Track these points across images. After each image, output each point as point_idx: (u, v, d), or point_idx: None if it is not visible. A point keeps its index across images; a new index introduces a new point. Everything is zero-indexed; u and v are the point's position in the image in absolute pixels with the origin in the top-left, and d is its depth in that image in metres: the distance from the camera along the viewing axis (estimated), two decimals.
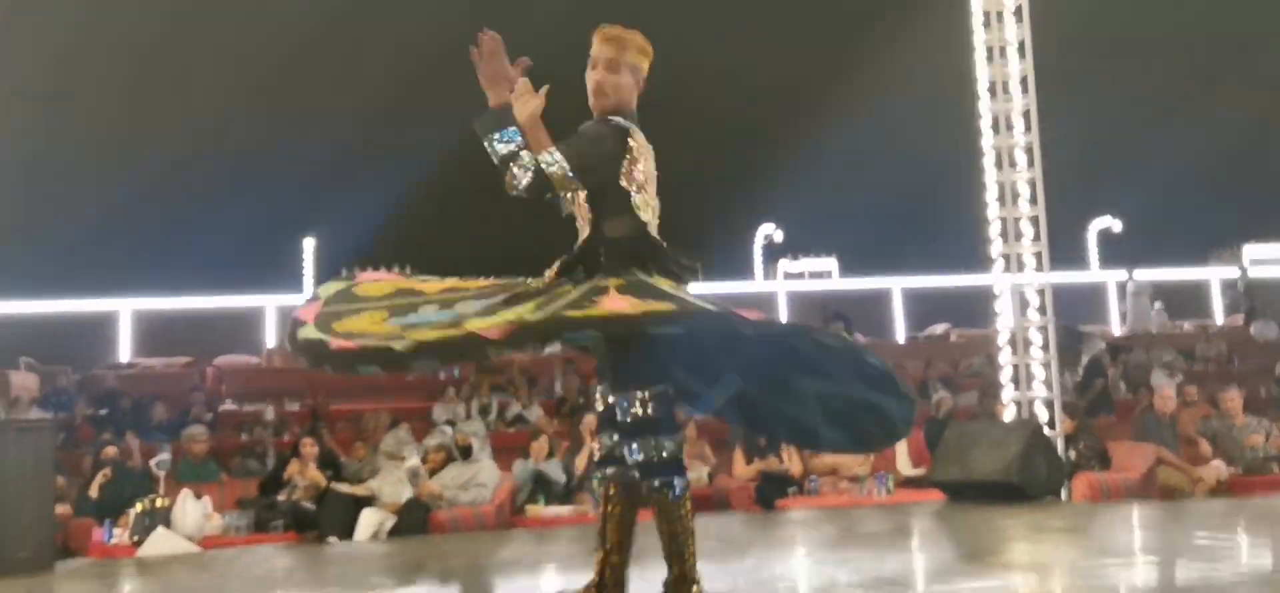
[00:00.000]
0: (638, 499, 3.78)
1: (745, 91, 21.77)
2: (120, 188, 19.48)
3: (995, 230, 9.27)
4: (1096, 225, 23.51)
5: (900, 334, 21.43)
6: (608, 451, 3.81)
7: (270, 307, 19.75)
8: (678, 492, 3.62)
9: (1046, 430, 8.71)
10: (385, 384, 15.49)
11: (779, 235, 23.69)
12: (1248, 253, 23.18)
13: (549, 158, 3.57)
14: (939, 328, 20.09)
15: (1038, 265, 9.15)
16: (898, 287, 22.22)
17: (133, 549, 7.85)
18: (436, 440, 9.45)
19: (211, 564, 7.03)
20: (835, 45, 19.57)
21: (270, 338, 19.41)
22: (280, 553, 7.50)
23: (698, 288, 3.80)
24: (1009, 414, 9.13)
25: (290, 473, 8.90)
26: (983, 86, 9.28)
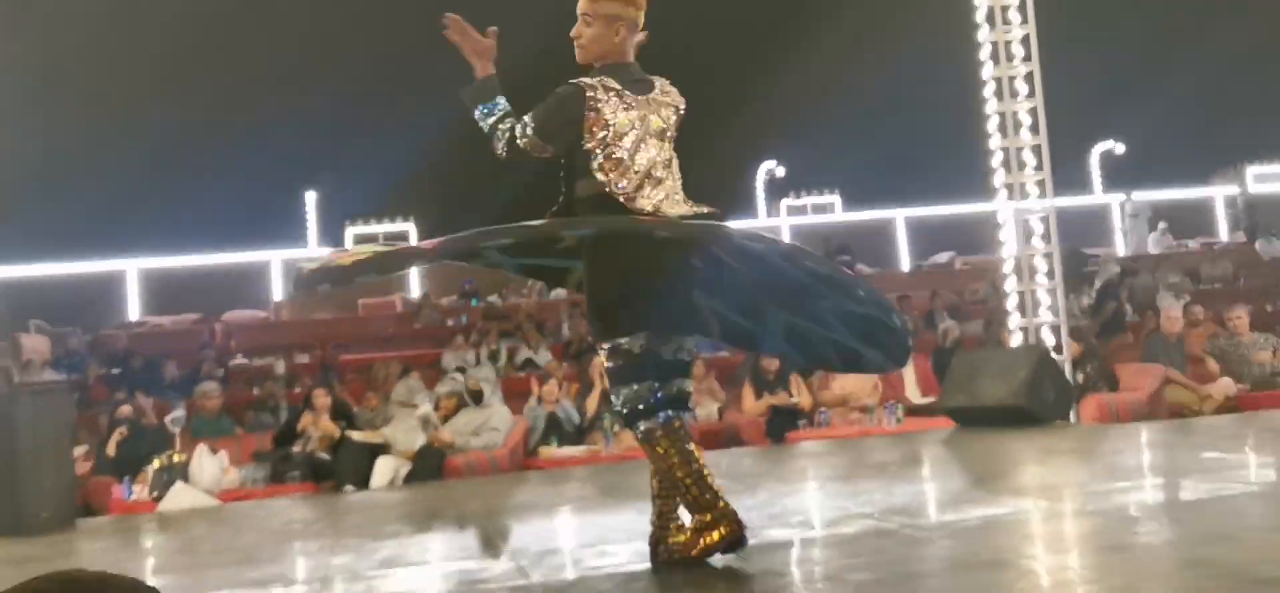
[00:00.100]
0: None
1: (743, 28, 21.65)
2: (122, 148, 19.50)
3: (997, 160, 9.25)
4: (1099, 149, 23.45)
5: (905, 264, 21.44)
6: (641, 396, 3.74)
7: (275, 261, 19.83)
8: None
9: (1053, 355, 8.75)
10: (392, 334, 15.60)
11: (780, 172, 23.64)
12: (1250, 173, 23.13)
13: (521, 128, 3.71)
14: (943, 257, 20.10)
15: (1041, 193, 9.14)
16: (901, 217, 22.20)
17: (153, 505, 7.92)
18: (448, 388, 9.51)
19: (231, 517, 7.10)
20: None
21: (277, 292, 19.51)
22: (298, 504, 7.56)
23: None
24: (1016, 341, 9.17)
25: (304, 425, 8.94)
26: (981, 15, 9.23)
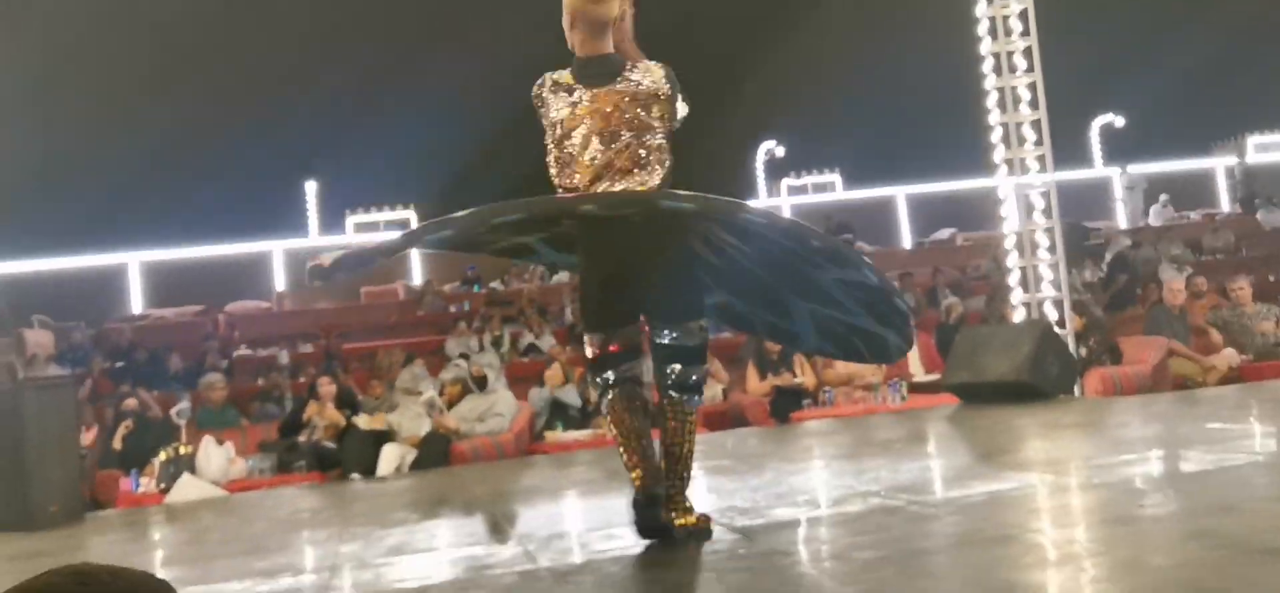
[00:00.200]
0: (648, 408, 3.89)
1: (742, 8, 21.61)
2: (123, 142, 19.49)
3: (997, 135, 9.24)
4: (1099, 122, 23.41)
5: (907, 241, 21.44)
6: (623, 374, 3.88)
7: (277, 251, 19.85)
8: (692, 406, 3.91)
9: (1056, 329, 8.75)
10: (396, 321, 15.63)
11: (780, 152, 23.63)
12: (1251, 142, 23.10)
13: None
14: (945, 233, 20.09)
15: (1041, 168, 9.13)
16: (902, 194, 22.21)
17: (160, 497, 7.94)
18: (452, 374, 9.51)
19: (239, 507, 7.11)
20: None
21: (279, 282, 19.52)
22: (305, 493, 7.58)
23: None
24: (1018, 316, 9.17)
25: (309, 414, 8.96)
26: None
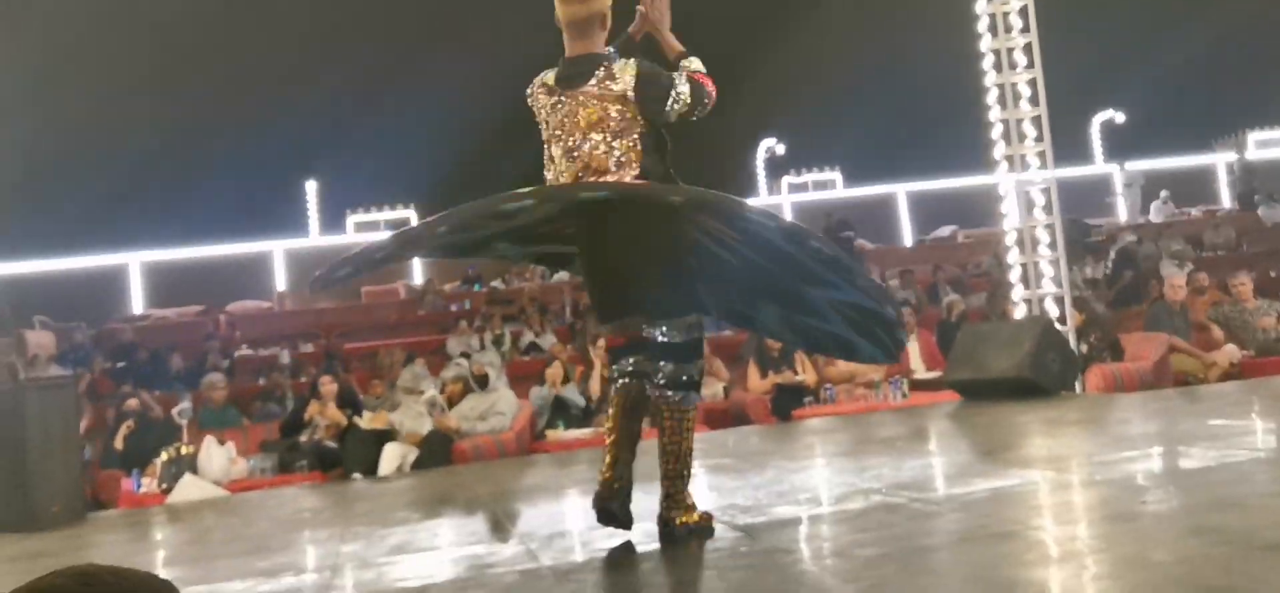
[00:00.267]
0: (645, 411, 3.89)
1: (742, 5, 21.60)
2: (122, 142, 19.50)
3: (997, 132, 9.24)
4: (1099, 118, 23.41)
5: (907, 238, 21.43)
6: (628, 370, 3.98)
7: (277, 250, 19.85)
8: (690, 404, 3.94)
9: (1057, 326, 8.75)
10: (396, 321, 15.62)
11: (781, 149, 23.63)
12: (1252, 138, 23.08)
13: None
14: (945, 230, 20.09)
15: (1041, 164, 9.13)
16: (902, 192, 22.20)
17: (162, 497, 7.94)
18: (453, 373, 9.50)
19: (241, 507, 7.11)
20: None
21: (280, 281, 19.52)
22: (307, 493, 7.58)
23: None
24: (1019, 313, 9.17)
25: (311, 413, 8.95)
26: None
